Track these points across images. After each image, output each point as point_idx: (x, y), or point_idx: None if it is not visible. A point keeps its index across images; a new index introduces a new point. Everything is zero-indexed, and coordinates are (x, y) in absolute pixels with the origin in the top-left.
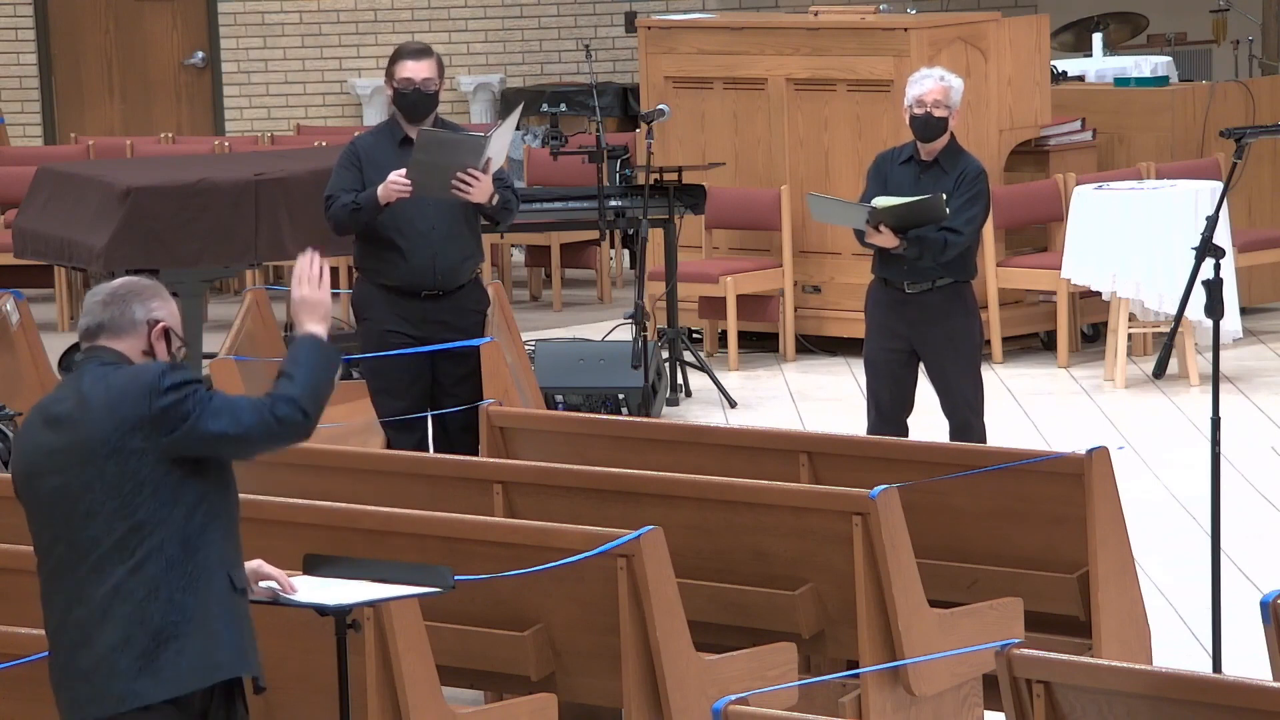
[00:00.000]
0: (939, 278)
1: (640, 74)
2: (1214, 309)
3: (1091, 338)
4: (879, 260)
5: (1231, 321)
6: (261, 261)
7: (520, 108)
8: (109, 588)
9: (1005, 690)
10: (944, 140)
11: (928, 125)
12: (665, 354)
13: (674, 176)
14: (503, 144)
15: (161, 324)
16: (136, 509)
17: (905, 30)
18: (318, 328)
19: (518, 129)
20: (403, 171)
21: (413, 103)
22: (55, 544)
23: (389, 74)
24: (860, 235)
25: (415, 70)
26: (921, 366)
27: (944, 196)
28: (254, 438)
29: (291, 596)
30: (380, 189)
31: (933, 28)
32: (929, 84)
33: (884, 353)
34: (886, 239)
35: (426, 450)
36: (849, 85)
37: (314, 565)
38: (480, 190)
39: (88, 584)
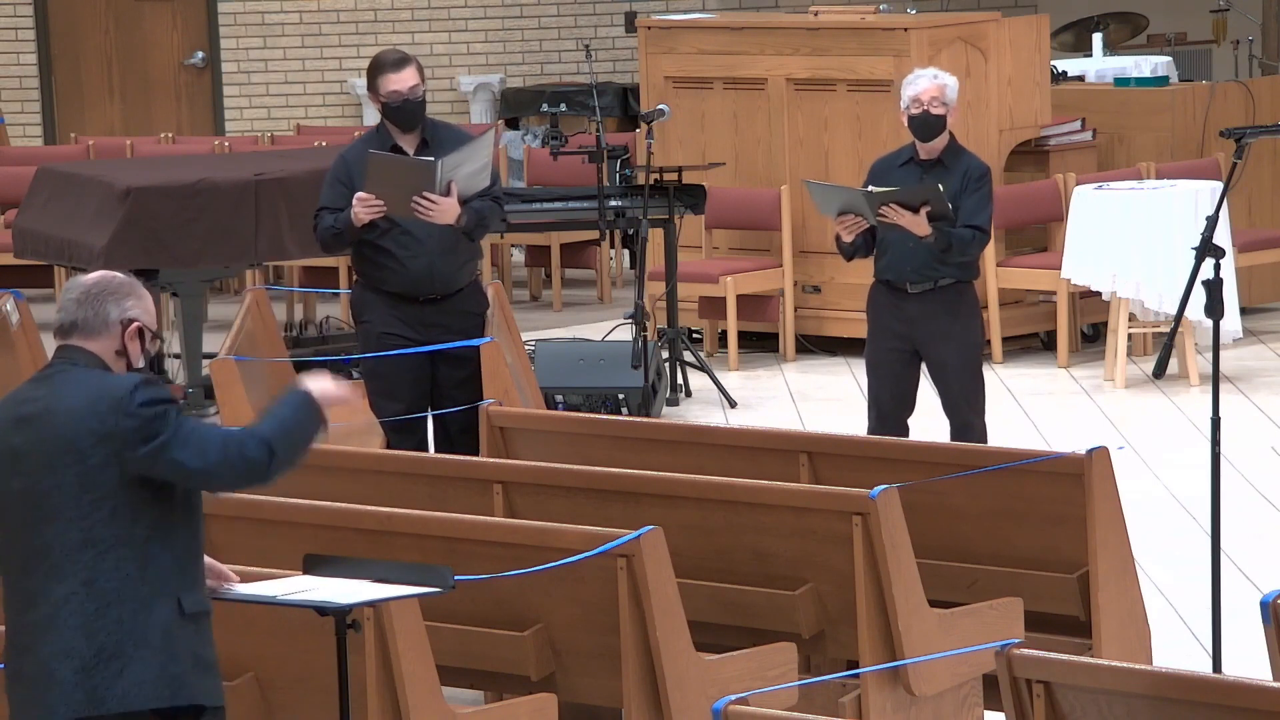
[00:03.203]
0: (941, 278)
1: (640, 74)
2: (1214, 309)
3: (1091, 338)
4: (881, 262)
5: (1231, 321)
6: (261, 261)
7: (492, 131)
8: (61, 596)
9: (1005, 690)
10: (944, 139)
11: (927, 124)
12: (665, 354)
13: (674, 176)
14: (472, 168)
15: (136, 324)
16: (95, 523)
17: (905, 30)
18: (314, 386)
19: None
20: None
21: (405, 113)
22: (13, 545)
23: (372, 88)
24: (845, 250)
25: (400, 81)
26: (923, 366)
27: (940, 187)
28: (216, 474)
29: (292, 597)
30: (352, 211)
31: (933, 28)
32: (924, 83)
33: (886, 353)
34: (919, 223)
35: (426, 453)
36: (849, 85)
37: (314, 565)
38: (441, 213)
39: (43, 587)
